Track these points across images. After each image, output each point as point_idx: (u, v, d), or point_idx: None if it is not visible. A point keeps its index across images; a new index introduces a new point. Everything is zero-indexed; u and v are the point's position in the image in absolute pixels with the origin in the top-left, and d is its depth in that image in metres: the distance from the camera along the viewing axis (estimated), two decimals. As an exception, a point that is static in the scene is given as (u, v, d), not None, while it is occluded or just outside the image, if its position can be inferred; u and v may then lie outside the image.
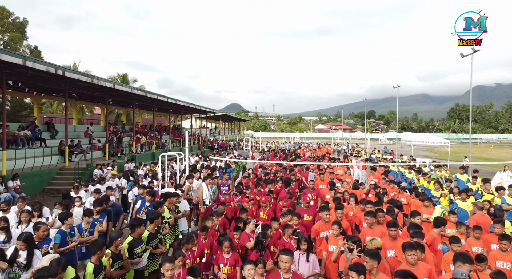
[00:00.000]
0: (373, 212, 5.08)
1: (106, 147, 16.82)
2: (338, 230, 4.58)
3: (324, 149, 23.80)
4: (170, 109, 26.75)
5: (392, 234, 4.50)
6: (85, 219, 5.26)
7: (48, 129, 16.92)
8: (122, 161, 16.89)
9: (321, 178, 9.80)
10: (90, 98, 19.62)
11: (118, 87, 15.65)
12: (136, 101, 20.35)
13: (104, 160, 16.16)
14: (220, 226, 6.01)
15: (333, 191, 7.63)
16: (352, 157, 19.12)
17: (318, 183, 9.81)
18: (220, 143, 38.11)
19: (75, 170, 12.75)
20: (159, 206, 5.20)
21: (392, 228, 4.50)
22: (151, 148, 22.93)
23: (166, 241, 5.53)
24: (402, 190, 8.53)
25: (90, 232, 5.22)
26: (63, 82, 13.17)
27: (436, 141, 23.25)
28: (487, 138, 79.46)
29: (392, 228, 4.50)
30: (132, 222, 4.55)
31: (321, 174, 9.90)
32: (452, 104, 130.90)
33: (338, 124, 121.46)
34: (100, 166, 13.31)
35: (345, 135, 53.80)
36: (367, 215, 5.05)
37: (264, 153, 17.75)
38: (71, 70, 12.27)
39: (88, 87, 15.05)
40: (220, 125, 53.10)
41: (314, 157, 16.16)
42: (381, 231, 4.80)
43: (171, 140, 26.53)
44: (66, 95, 13.71)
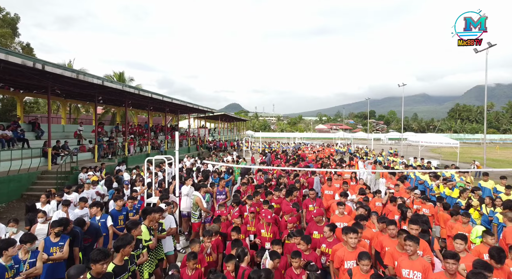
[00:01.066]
0: (416, 238, 3.82)
1: (96, 148, 15.67)
2: (368, 265, 3.44)
3: (328, 150, 22.62)
4: (167, 108, 25.60)
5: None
6: (23, 248, 3.96)
7: (33, 129, 15.79)
8: (113, 163, 15.78)
9: (328, 184, 8.70)
10: (79, 96, 18.47)
11: (107, 83, 14.51)
12: (129, 99, 19.21)
13: (93, 163, 15.03)
14: (213, 248, 4.89)
15: (341, 206, 6.05)
16: (357, 159, 18.03)
17: (324, 189, 8.72)
18: (218, 143, 36.96)
19: (57, 174, 11.61)
20: (133, 227, 4.06)
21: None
22: (146, 149, 21.79)
23: (145, 271, 4.40)
24: (425, 199, 7.41)
25: (31, 263, 3.91)
26: (45, 78, 12.03)
27: (444, 142, 22.13)
28: (490, 138, 78.27)
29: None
30: (116, 243, 3.50)
31: (329, 181, 8.80)
32: (452, 104, 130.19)
33: (338, 124, 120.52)
34: (87, 169, 12.19)
35: (346, 135, 52.69)
36: (409, 241, 3.72)
37: (265, 155, 16.60)
38: (53, 64, 11.14)
39: (74, 83, 13.91)
40: (219, 125, 51.98)
41: (319, 159, 15.02)
42: (423, 264, 3.64)
43: (167, 141, 25.37)
44: (49, 92, 12.57)
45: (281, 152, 20.14)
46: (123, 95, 17.74)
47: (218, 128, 50.84)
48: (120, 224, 5.96)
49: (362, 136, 47.91)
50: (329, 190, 8.53)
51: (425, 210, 7.31)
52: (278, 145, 35.03)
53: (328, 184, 8.70)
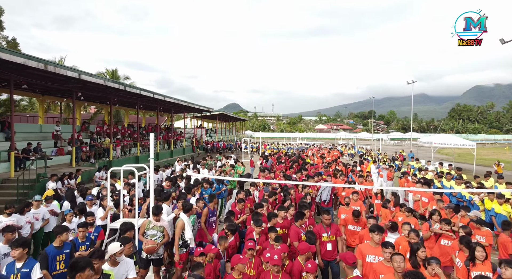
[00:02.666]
0: None
1: (73, 151, 13.79)
2: None
3: (333, 153, 20.65)
4: (159, 106, 23.71)
5: None
6: None
7: (2, 129, 13.90)
8: (93, 168, 13.90)
9: (346, 208, 6.86)
10: (57, 92, 16.55)
11: (85, 77, 12.62)
12: (115, 96, 17.31)
13: (70, 168, 13.16)
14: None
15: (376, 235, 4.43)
16: (368, 162, 16.20)
17: (341, 212, 6.86)
18: (216, 144, 35.09)
19: (17, 183, 9.70)
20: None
21: None
22: (135, 151, 19.91)
23: None
24: (478, 224, 5.59)
25: None
26: (6, 69, 10.17)
27: (460, 143, 20.31)
28: (494, 138, 76.72)
29: None
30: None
31: (346, 205, 6.95)
32: (451, 104, 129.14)
33: (339, 124, 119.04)
34: (59, 176, 10.29)
35: (349, 135, 50.96)
36: None
37: (266, 159, 14.72)
38: (12, 52, 9.25)
39: (46, 76, 12.05)
40: (217, 125, 50.13)
41: (328, 165, 13.17)
42: None
43: (159, 142, 23.49)
44: (11, 86, 10.67)
45: (283, 154, 18.17)
46: (107, 91, 15.86)
47: (216, 128, 48.99)
48: (59, 268, 4.09)
49: (365, 137, 46.10)
50: (345, 214, 6.66)
51: (480, 237, 5.52)
52: (277, 146, 33.03)
53: (345, 208, 6.86)
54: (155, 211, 4.92)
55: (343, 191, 8.27)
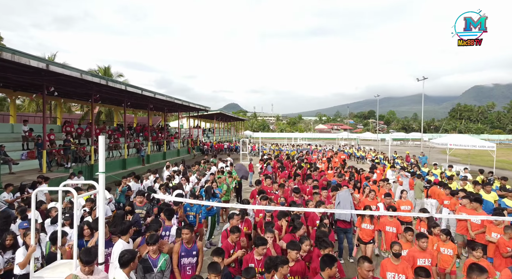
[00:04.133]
0: None
1: (44, 154, 11.93)
2: None
3: (339, 156, 18.73)
4: (150, 105, 21.87)
5: None
6: None
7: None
8: (65, 174, 12.03)
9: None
10: (31, 88, 14.66)
11: (56, 68, 10.78)
12: (96, 92, 15.45)
13: (40, 173, 11.30)
14: None
15: None
16: (383, 167, 14.41)
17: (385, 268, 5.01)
18: (213, 145, 33.26)
19: (-40, 196, 7.87)
20: None
21: None
22: (121, 153, 18.06)
23: None
24: None
25: None
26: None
27: (478, 145, 18.51)
28: (497, 139, 75.11)
29: None
30: None
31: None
32: (450, 104, 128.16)
33: (339, 124, 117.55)
34: (20, 186, 8.44)
35: (351, 135, 49.23)
36: None
37: (266, 163, 12.88)
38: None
39: (10, 67, 10.23)
40: (215, 125, 48.32)
41: (339, 171, 11.34)
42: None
43: (150, 143, 21.66)
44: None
45: (285, 158, 16.23)
46: (87, 86, 14.01)
47: (214, 128, 47.18)
48: None
49: (369, 137, 44.35)
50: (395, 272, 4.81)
51: None
52: (277, 147, 31.08)
53: (393, 261, 5.00)
54: (85, 256, 2.95)
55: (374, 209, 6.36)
